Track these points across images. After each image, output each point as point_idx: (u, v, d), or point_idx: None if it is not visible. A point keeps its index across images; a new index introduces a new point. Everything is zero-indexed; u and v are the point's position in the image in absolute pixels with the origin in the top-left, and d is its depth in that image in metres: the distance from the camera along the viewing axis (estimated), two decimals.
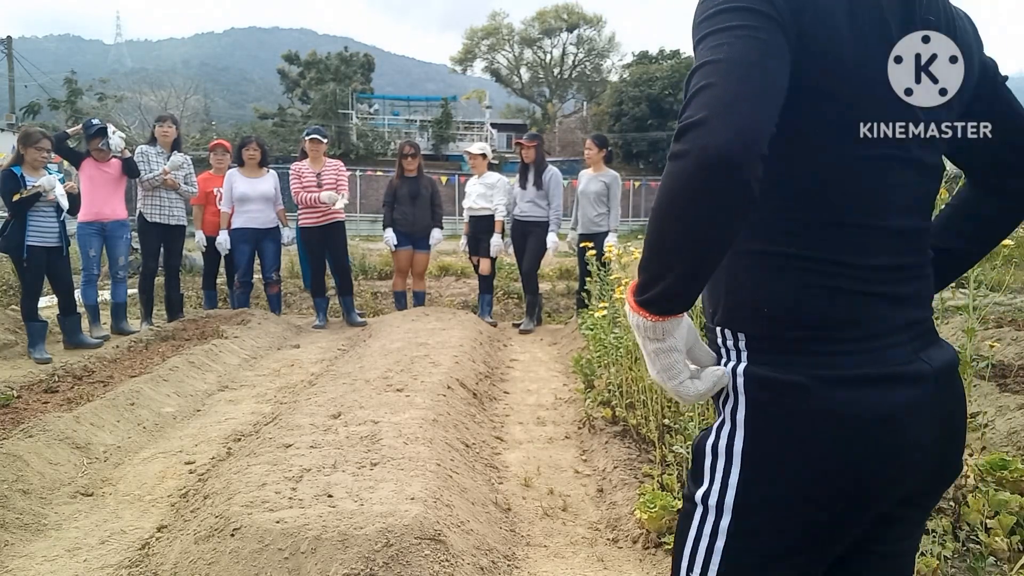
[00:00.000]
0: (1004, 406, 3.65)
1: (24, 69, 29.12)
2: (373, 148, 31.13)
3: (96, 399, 3.81)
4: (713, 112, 0.83)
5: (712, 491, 1.00)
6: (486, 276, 6.92)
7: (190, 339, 5.43)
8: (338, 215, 6.61)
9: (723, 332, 1.03)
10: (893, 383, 0.95)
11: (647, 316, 0.92)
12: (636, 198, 26.29)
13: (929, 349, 1.02)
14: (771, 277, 0.98)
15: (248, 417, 3.99)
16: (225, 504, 2.40)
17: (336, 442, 2.97)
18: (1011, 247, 2.57)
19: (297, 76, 37.22)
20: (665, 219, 0.87)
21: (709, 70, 0.86)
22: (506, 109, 52.40)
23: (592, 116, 39.04)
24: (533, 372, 5.22)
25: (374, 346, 5.13)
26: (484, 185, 6.75)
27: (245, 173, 6.55)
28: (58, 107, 25.79)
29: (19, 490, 2.78)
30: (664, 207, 0.87)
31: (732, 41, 0.87)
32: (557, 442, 3.69)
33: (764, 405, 0.96)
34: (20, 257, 5.23)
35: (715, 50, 0.87)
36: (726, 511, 0.98)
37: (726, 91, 0.84)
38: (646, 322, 0.93)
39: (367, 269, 10.21)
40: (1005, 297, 6.01)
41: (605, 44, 44.82)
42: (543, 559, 2.48)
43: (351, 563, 2.03)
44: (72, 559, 2.43)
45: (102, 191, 5.87)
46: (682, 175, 0.84)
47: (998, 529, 2.23)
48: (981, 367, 2.57)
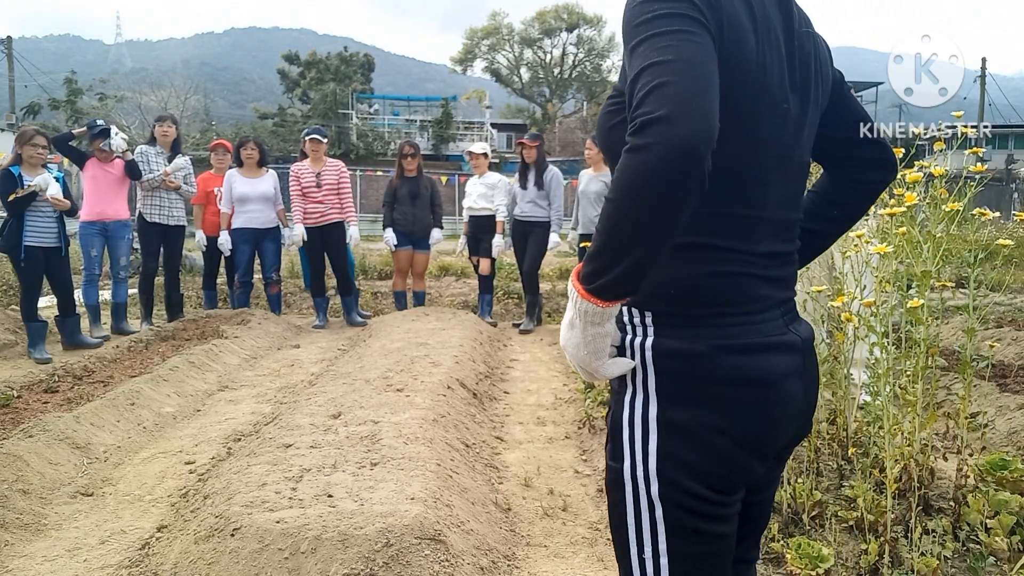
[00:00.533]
0: (1004, 406, 3.65)
1: (24, 69, 29.14)
2: (373, 148, 31.12)
3: (96, 399, 3.81)
4: (676, 107, 0.88)
5: (636, 462, 1.07)
6: (486, 276, 6.92)
7: (190, 339, 5.44)
8: (337, 216, 6.59)
9: (630, 311, 1.11)
10: (774, 351, 1.10)
11: (597, 303, 0.98)
12: None
13: (797, 324, 1.17)
14: (679, 262, 1.06)
15: (248, 417, 3.99)
16: (225, 504, 2.40)
17: (336, 442, 2.97)
18: (1011, 247, 2.57)
19: (297, 76, 37.22)
20: (625, 209, 0.92)
21: (661, 69, 0.92)
22: (506, 109, 52.38)
23: (592, 116, 39.03)
24: (533, 372, 5.22)
25: (374, 346, 5.13)
26: (485, 185, 6.75)
27: (244, 173, 6.55)
28: (58, 107, 25.81)
29: (19, 490, 2.78)
30: (625, 198, 0.92)
31: (677, 44, 0.93)
32: (557, 442, 3.69)
33: (672, 373, 1.06)
34: (18, 257, 5.23)
35: (662, 51, 0.93)
36: (652, 479, 1.06)
37: (684, 88, 0.89)
38: (595, 308, 0.99)
39: (367, 269, 10.21)
40: (1005, 297, 6.02)
41: (605, 44, 44.81)
42: (543, 559, 2.48)
43: (351, 563, 2.03)
44: (72, 559, 2.43)
45: (105, 191, 5.87)
46: (646, 167, 0.89)
47: (998, 529, 2.23)
48: (981, 367, 2.57)
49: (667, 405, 1.06)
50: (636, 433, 1.07)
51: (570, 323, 1.04)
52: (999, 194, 21.74)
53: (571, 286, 1.02)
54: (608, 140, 1.15)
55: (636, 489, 1.07)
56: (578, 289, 1.00)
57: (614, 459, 1.10)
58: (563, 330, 1.05)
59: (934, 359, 2.41)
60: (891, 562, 2.17)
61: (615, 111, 1.12)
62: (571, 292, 1.02)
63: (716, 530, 1.08)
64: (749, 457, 1.08)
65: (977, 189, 2.37)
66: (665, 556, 1.07)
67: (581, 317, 1.01)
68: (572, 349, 1.04)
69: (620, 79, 1.11)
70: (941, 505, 2.56)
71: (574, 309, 1.02)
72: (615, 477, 1.10)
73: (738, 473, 1.08)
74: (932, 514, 2.48)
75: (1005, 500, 2.31)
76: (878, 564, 2.16)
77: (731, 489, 1.08)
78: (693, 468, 1.05)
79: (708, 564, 1.09)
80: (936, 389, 2.64)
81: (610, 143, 1.14)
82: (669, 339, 1.07)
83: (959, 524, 2.39)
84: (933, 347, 2.38)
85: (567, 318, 1.04)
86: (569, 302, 1.04)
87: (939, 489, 2.67)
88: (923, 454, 2.52)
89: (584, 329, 1.01)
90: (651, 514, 1.07)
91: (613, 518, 1.12)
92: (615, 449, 1.10)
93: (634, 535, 1.08)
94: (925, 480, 2.53)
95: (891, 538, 2.20)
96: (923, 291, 2.23)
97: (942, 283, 2.48)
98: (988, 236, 5.96)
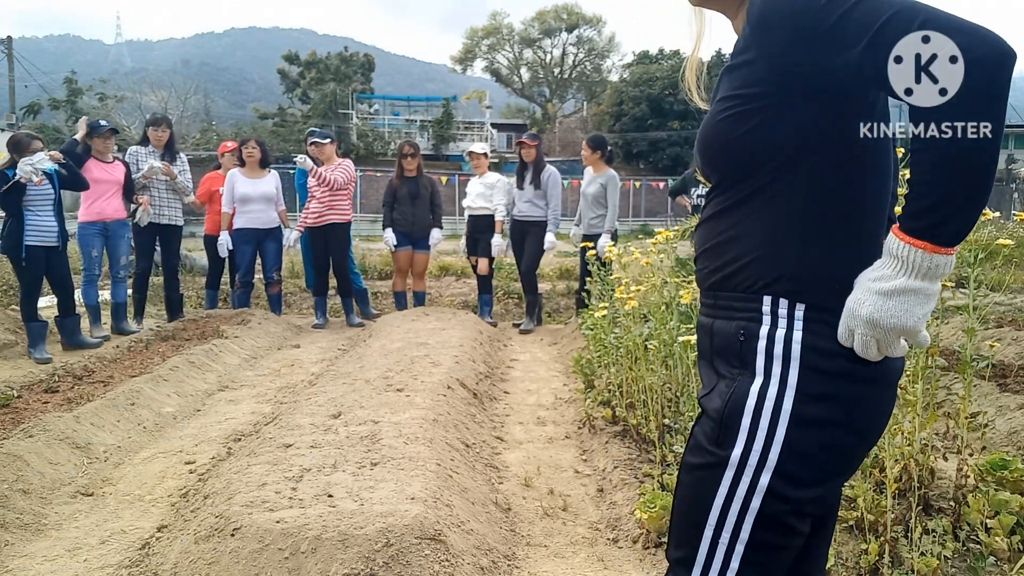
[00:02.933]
0: (1004, 406, 3.65)
1: (24, 69, 29.12)
2: (373, 148, 31.14)
3: (96, 399, 3.81)
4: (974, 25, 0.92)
5: (753, 451, 1.06)
6: (485, 276, 6.92)
7: (190, 339, 5.44)
8: (337, 217, 6.57)
9: (775, 300, 1.08)
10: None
11: (949, 251, 0.96)
12: (636, 198, 26.29)
13: None
14: (853, 259, 1.05)
15: (248, 417, 3.99)
16: (225, 504, 2.40)
17: (336, 442, 2.97)
18: (1011, 247, 2.57)
19: (297, 76, 37.24)
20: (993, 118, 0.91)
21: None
22: (506, 109, 52.40)
23: (592, 116, 39.04)
24: (533, 372, 5.22)
25: (374, 346, 5.13)
26: (484, 185, 6.75)
27: (246, 173, 6.54)
28: (58, 107, 25.81)
29: (19, 490, 2.78)
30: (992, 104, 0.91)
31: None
32: (557, 442, 3.69)
33: (817, 370, 1.04)
34: (19, 257, 5.22)
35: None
36: (767, 469, 1.05)
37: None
38: (947, 259, 0.96)
39: (367, 269, 10.21)
40: (1005, 297, 6.01)
41: (605, 44, 44.86)
42: (543, 559, 2.48)
43: (351, 563, 2.03)
44: (72, 559, 2.43)
45: (105, 190, 5.85)
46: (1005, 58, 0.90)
47: (998, 529, 2.23)
48: (981, 367, 2.57)
49: (805, 400, 1.04)
50: (761, 423, 1.05)
51: (900, 289, 0.98)
52: (999, 194, 21.77)
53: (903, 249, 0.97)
54: (732, 148, 1.11)
55: (739, 476, 1.07)
56: (925, 247, 0.95)
57: (719, 444, 1.09)
58: (882, 303, 0.99)
59: (934, 359, 2.41)
60: (891, 562, 2.17)
61: (742, 116, 1.08)
62: (905, 256, 0.97)
63: (803, 528, 1.09)
64: (863, 456, 1.11)
65: None
66: (743, 544, 1.07)
67: (927, 275, 0.97)
68: (903, 319, 0.99)
69: (738, 80, 1.08)
70: (941, 505, 2.56)
71: (913, 272, 0.97)
72: (717, 460, 1.09)
73: (851, 472, 1.11)
74: (932, 514, 2.48)
75: (1005, 500, 2.31)
76: (878, 564, 2.16)
77: (838, 487, 1.11)
78: (814, 464, 1.06)
79: (784, 559, 1.10)
80: (936, 389, 2.64)
81: (733, 151, 1.11)
82: (819, 337, 1.05)
83: (959, 524, 2.38)
84: (933, 347, 2.38)
85: (890, 286, 0.98)
86: (894, 269, 0.99)
87: (939, 489, 2.67)
88: (923, 454, 2.52)
89: (927, 288, 0.98)
90: (746, 502, 1.06)
91: (691, 496, 1.12)
92: (726, 434, 1.08)
93: (715, 518, 1.08)
94: (925, 480, 2.53)
95: (891, 538, 2.20)
96: None
97: (942, 283, 2.48)
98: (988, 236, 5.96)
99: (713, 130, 1.14)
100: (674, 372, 3.30)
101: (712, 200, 1.20)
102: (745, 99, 1.08)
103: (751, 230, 1.11)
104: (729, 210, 1.15)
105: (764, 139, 1.07)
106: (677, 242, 3.69)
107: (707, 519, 1.09)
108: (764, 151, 1.08)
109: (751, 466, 1.06)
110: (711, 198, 1.20)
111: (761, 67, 1.06)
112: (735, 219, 1.13)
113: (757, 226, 1.10)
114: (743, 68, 1.08)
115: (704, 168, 1.20)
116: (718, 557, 1.09)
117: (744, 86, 1.08)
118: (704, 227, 1.21)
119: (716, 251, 1.17)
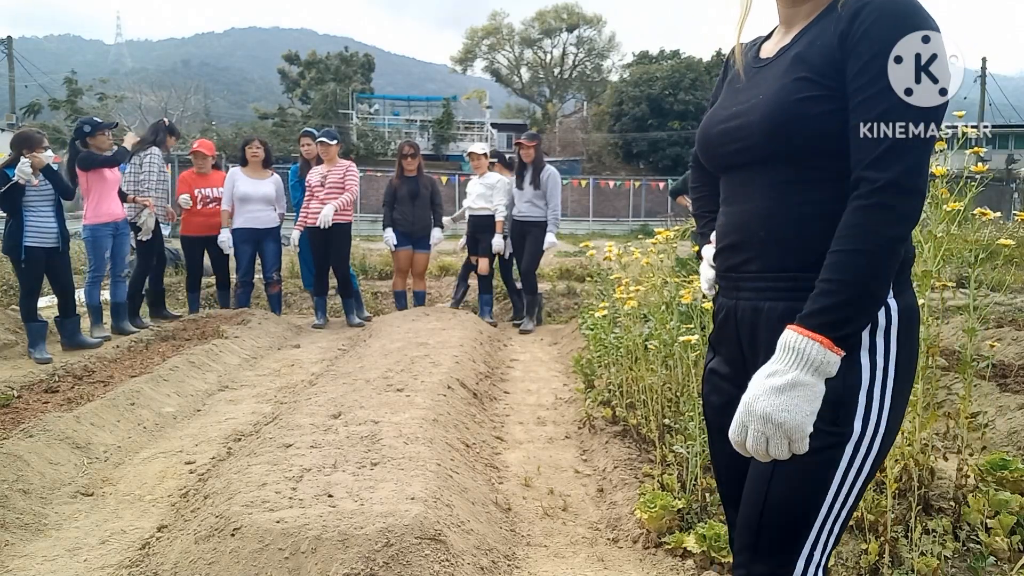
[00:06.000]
0: (1004, 406, 3.65)
1: (24, 69, 29.14)
2: (373, 148, 31.13)
3: (96, 399, 3.80)
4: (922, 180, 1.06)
5: (868, 429, 1.12)
6: (485, 276, 6.92)
7: (190, 339, 5.44)
8: (339, 217, 6.54)
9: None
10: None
11: (839, 352, 1.04)
12: (636, 198, 26.28)
13: None
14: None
15: (248, 417, 3.99)
16: (225, 504, 2.40)
17: (336, 442, 2.97)
18: (1011, 247, 2.57)
19: (297, 76, 37.25)
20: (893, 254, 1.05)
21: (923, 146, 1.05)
22: (506, 109, 52.38)
23: (592, 116, 39.04)
24: (533, 372, 5.22)
25: (374, 346, 5.13)
26: (484, 185, 6.76)
27: (248, 173, 6.54)
28: (58, 107, 25.81)
29: (19, 490, 2.78)
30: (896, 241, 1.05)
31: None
32: (557, 442, 3.69)
33: (907, 332, 1.15)
34: (19, 258, 5.21)
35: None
36: (876, 447, 1.13)
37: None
38: (837, 358, 1.04)
39: (367, 269, 10.20)
40: (1005, 297, 6.01)
41: (605, 44, 44.88)
42: (543, 559, 2.48)
43: (351, 563, 2.03)
44: (72, 559, 2.43)
45: (111, 190, 5.83)
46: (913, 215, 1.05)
47: (998, 529, 2.23)
48: (981, 367, 2.57)
49: (902, 362, 1.14)
50: (874, 403, 1.12)
51: (792, 383, 1.01)
52: (999, 194, 21.73)
53: (801, 342, 1.01)
54: (808, 127, 1.12)
55: (856, 455, 1.11)
56: (823, 342, 1.01)
57: (837, 423, 1.10)
58: (775, 399, 1.02)
59: (934, 359, 2.41)
60: (891, 562, 2.17)
61: (820, 98, 1.11)
62: (802, 348, 1.01)
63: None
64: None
65: (978, 189, 2.37)
66: (846, 515, 1.16)
67: (817, 370, 1.02)
68: (793, 414, 1.01)
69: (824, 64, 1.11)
70: (941, 505, 2.56)
71: (807, 365, 1.01)
72: (836, 441, 1.10)
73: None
74: (932, 514, 2.47)
75: (1005, 500, 2.31)
76: (878, 564, 2.16)
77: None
78: (900, 416, 1.17)
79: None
80: (936, 389, 2.64)
81: (808, 131, 1.12)
82: (901, 298, 1.14)
83: (959, 524, 2.38)
84: (933, 347, 2.38)
85: (783, 381, 1.01)
86: (788, 363, 1.02)
87: (939, 489, 2.67)
88: (923, 454, 2.52)
89: (815, 384, 1.02)
90: (856, 478, 1.12)
91: (811, 477, 1.12)
92: (844, 415, 1.10)
93: (832, 496, 1.12)
94: (925, 480, 2.53)
95: (891, 538, 2.20)
96: (924, 291, 2.22)
97: (942, 283, 2.48)
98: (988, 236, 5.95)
99: (790, 105, 1.14)
100: (674, 372, 3.30)
101: (765, 179, 1.19)
102: (820, 79, 1.11)
103: (837, 211, 1.10)
104: (807, 186, 1.15)
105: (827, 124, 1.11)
106: (677, 242, 3.69)
107: (823, 499, 1.12)
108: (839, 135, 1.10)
109: (868, 436, 1.11)
110: (757, 175, 1.20)
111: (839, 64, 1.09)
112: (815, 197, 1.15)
113: (841, 206, 1.09)
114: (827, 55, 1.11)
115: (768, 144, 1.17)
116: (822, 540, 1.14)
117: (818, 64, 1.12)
118: (758, 203, 1.20)
119: (794, 229, 1.16)
